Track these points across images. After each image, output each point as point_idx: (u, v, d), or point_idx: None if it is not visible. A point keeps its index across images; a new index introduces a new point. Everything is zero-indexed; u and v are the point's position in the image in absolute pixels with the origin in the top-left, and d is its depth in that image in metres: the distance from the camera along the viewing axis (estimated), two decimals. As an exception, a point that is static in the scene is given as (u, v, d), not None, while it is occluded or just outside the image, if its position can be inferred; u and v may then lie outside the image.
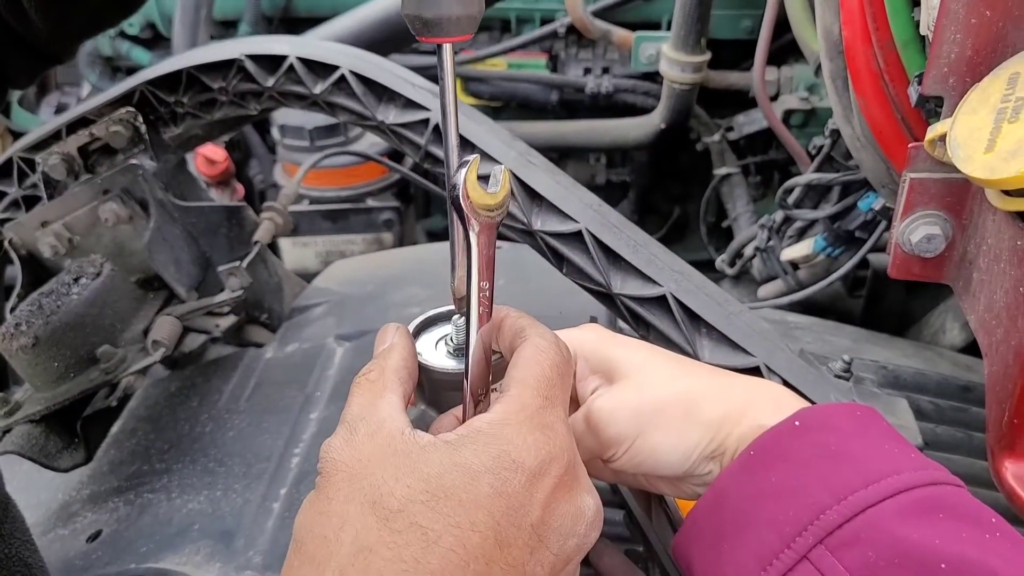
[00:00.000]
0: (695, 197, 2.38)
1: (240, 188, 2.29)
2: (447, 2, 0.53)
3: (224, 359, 1.17)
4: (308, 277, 1.39)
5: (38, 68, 0.82)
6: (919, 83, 0.74)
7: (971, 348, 1.28)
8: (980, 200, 0.68)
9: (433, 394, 0.66)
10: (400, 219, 2.23)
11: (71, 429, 1.02)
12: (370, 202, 2.21)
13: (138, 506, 0.93)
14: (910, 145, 0.70)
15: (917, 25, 0.76)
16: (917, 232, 0.71)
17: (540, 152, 0.91)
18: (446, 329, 0.66)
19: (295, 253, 2.21)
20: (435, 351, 0.65)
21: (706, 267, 1.03)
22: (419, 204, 2.48)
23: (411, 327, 0.65)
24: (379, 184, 2.21)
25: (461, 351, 0.64)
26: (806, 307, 1.51)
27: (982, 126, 0.60)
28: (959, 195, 0.70)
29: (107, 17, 0.82)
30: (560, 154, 2.31)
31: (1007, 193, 0.60)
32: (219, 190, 2.18)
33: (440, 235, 2.49)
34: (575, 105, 2.30)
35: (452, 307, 0.65)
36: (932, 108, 0.78)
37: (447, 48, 0.56)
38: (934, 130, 0.66)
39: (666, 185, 2.48)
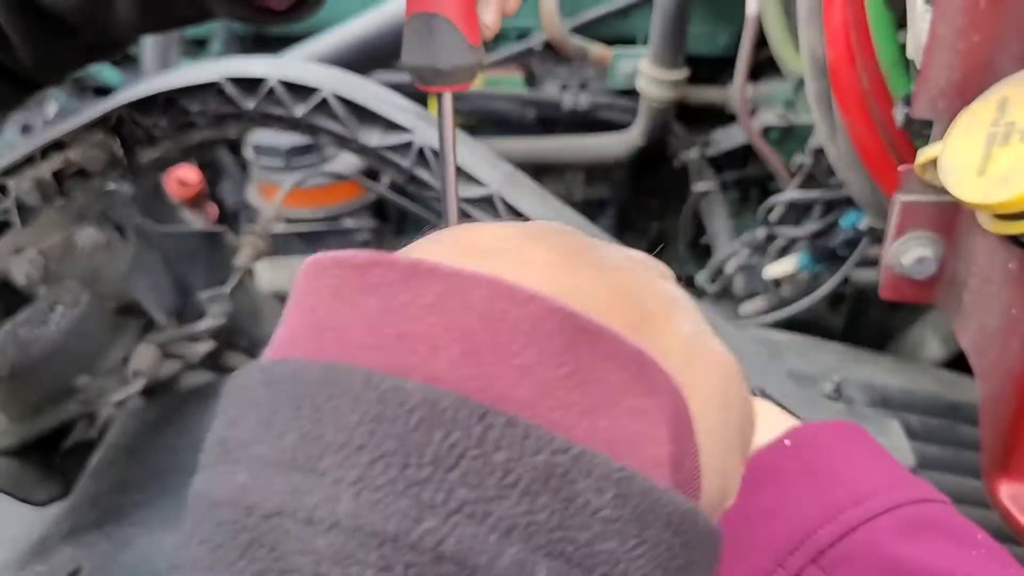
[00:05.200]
0: (674, 213, 2.38)
1: (214, 209, 2.26)
2: (450, 54, 0.53)
3: (203, 387, 1.14)
4: (284, 299, 1.37)
5: (20, 96, 0.79)
6: (905, 104, 0.74)
7: (951, 362, 1.28)
8: (971, 223, 0.68)
9: None
10: (377, 239, 2.21)
11: (48, 461, 0.99)
12: (347, 222, 2.19)
13: (119, 541, 0.90)
14: (900, 168, 0.70)
15: (902, 47, 0.76)
16: (908, 254, 0.71)
17: (517, 169, 0.90)
18: None
19: (270, 275, 2.18)
20: None
21: (686, 284, 1.02)
22: (393, 223, 2.47)
23: None
24: (356, 204, 2.19)
25: None
26: (787, 323, 1.52)
27: (973, 150, 0.60)
28: (950, 217, 0.70)
29: (97, 54, 0.79)
30: (537, 171, 2.30)
31: (999, 217, 0.60)
32: (192, 212, 2.15)
33: (417, 254, 2.47)
34: (552, 122, 2.29)
35: None
36: (918, 129, 0.78)
37: (447, 96, 0.56)
38: (924, 154, 0.66)
39: (645, 202, 2.48)
